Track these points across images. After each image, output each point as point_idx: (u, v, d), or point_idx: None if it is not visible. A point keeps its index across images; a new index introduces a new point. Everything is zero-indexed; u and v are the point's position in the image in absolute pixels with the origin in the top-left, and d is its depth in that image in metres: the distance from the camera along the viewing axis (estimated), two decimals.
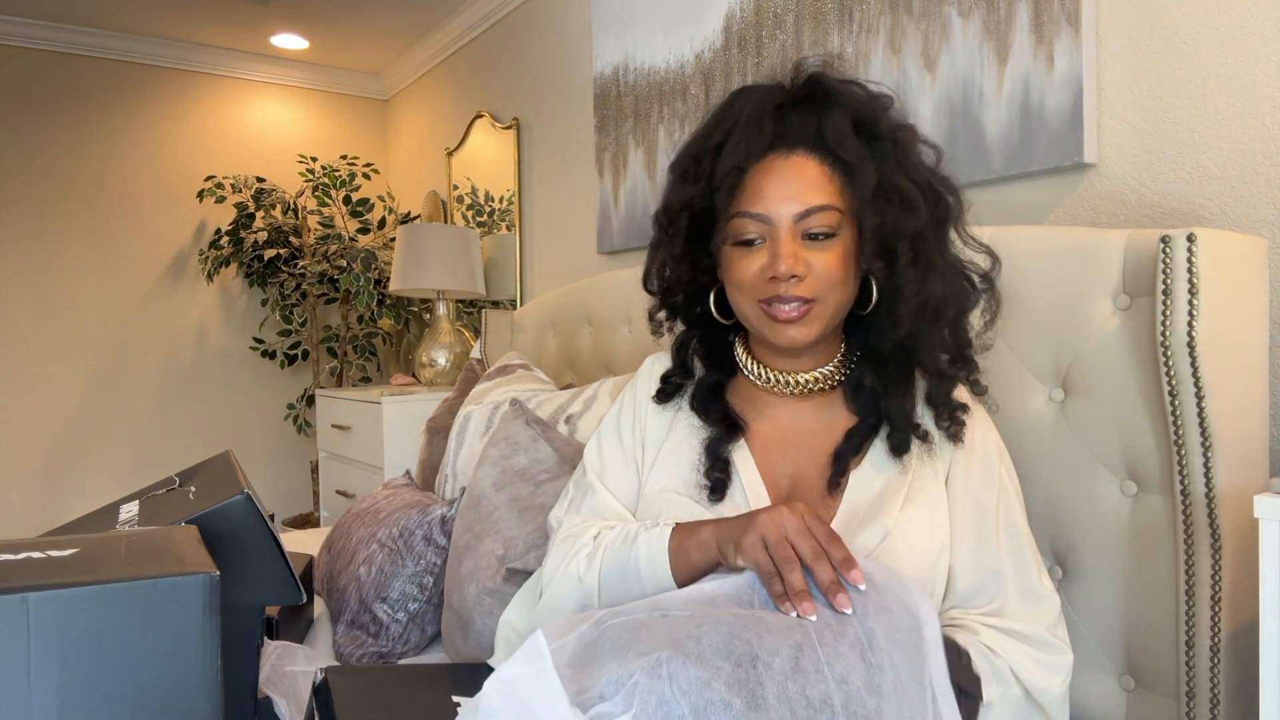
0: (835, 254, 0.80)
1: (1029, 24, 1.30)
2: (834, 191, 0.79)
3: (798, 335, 0.81)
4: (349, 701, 0.82)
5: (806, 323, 0.81)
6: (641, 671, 0.60)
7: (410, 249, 2.72)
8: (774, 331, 0.82)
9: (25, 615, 0.58)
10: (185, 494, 0.96)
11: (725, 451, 0.88)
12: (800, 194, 0.79)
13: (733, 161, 0.80)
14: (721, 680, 0.59)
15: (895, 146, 0.81)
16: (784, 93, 0.84)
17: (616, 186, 2.29)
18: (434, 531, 1.36)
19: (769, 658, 0.61)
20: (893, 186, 0.79)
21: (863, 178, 0.78)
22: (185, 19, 3.23)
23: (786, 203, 0.79)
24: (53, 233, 3.30)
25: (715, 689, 0.58)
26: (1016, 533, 0.85)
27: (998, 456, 0.88)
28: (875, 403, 0.85)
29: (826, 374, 0.87)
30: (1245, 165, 1.10)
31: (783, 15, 1.74)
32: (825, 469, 0.85)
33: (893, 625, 0.66)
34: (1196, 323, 0.90)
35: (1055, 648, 0.82)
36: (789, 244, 0.79)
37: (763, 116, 0.81)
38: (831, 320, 0.83)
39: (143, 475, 3.41)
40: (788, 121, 0.81)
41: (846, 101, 0.81)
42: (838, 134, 0.79)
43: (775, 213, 0.79)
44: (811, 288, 0.79)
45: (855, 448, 0.85)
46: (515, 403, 1.46)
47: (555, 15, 2.65)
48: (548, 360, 2.17)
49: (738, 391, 0.92)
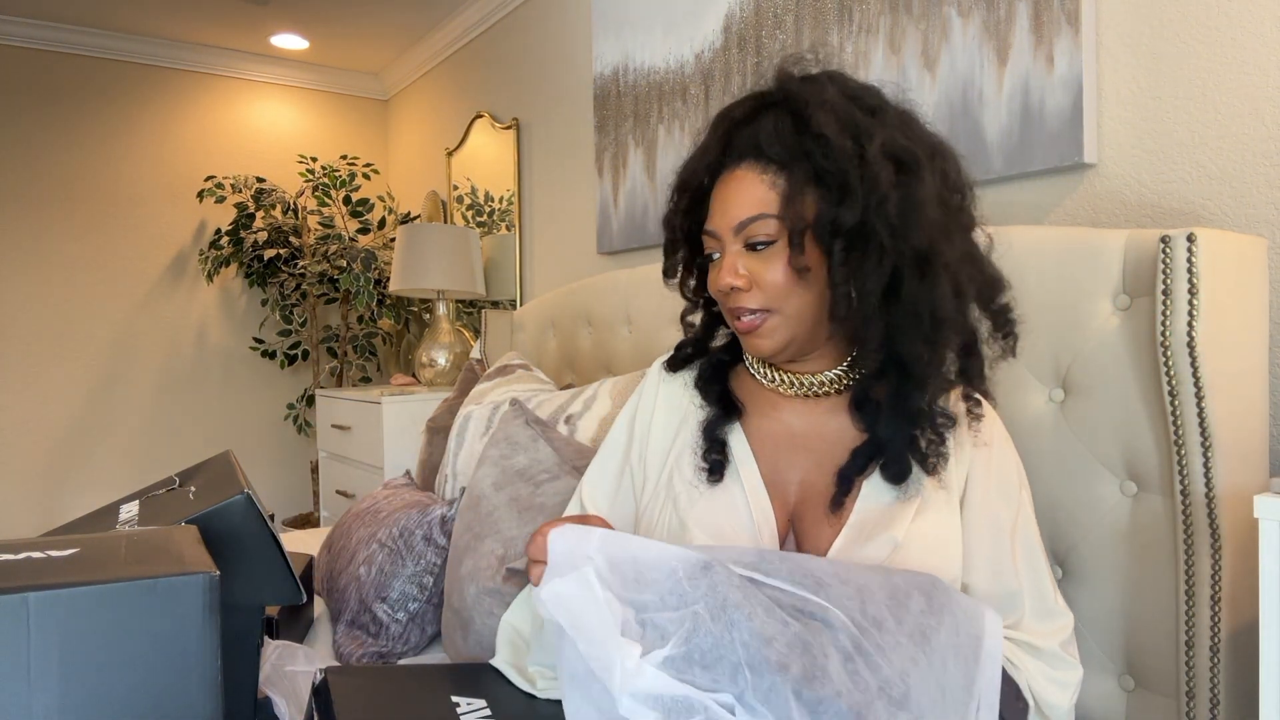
0: (779, 262, 0.79)
1: (1029, 24, 1.30)
2: (774, 199, 0.78)
3: (760, 345, 0.82)
4: (349, 701, 0.82)
5: (765, 333, 0.81)
6: (704, 604, 0.58)
7: (410, 249, 2.72)
8: (744, 342, 0.84)
9: (25, 615, 0.58)
10: (185, 494, 0.96)
11: (722, 433, 0.88)
12: (738, 207, 0.80)
13: (682, 180, 0.86)
14: (784, 640, 0.58)
15: (850, 136, 0.76)
16: (754, 100, 0.83)
17: (616, 187, 2.29)
18: (434, 531, 1.36)
19: (834, 632, 0.61)
20: (833, 178, 0.75)
21: (795, 174, 0.77)
22: (185, 19, 3.23)
23: (727, 216, 0.81)
24: (53, 233, 3.30)
25: (775, 648, 0.57)
26: (1033, 551, 0.85)
27: (1016, 474, 0.87)
28: (875, 423, 0.82)
29: (834, 378, 0.86)
30: (1245, 165, 1.10)
31: (782, 15, 1.74)
32: (830, 473, 0.84)
33: (955, 628, 0.67)
34: (1196, 323, 0.90)
35: (1067, 664, 0.82)
36: (730, 257, 0.81)
37: (718, 133, 0.84)
38: (797, 328, 0.81)
39: (143, 475, 3.42)
40: (739, 134, 0.82)
41: (795, 99, 0.79)
42: (770, 136, 0.79)
43: (719, 227, 0.82)
44: (759, 298, 0.80)
45: (859, 467, 0.83)
46: (515, 403, 1.46)
47: (555, 15, 2.65)
48: (548, 360, 2.17)
49: (746, 391, 0.92)
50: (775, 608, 0.61)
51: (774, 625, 0.59)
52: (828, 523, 0.82)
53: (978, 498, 0.84)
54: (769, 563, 0.67)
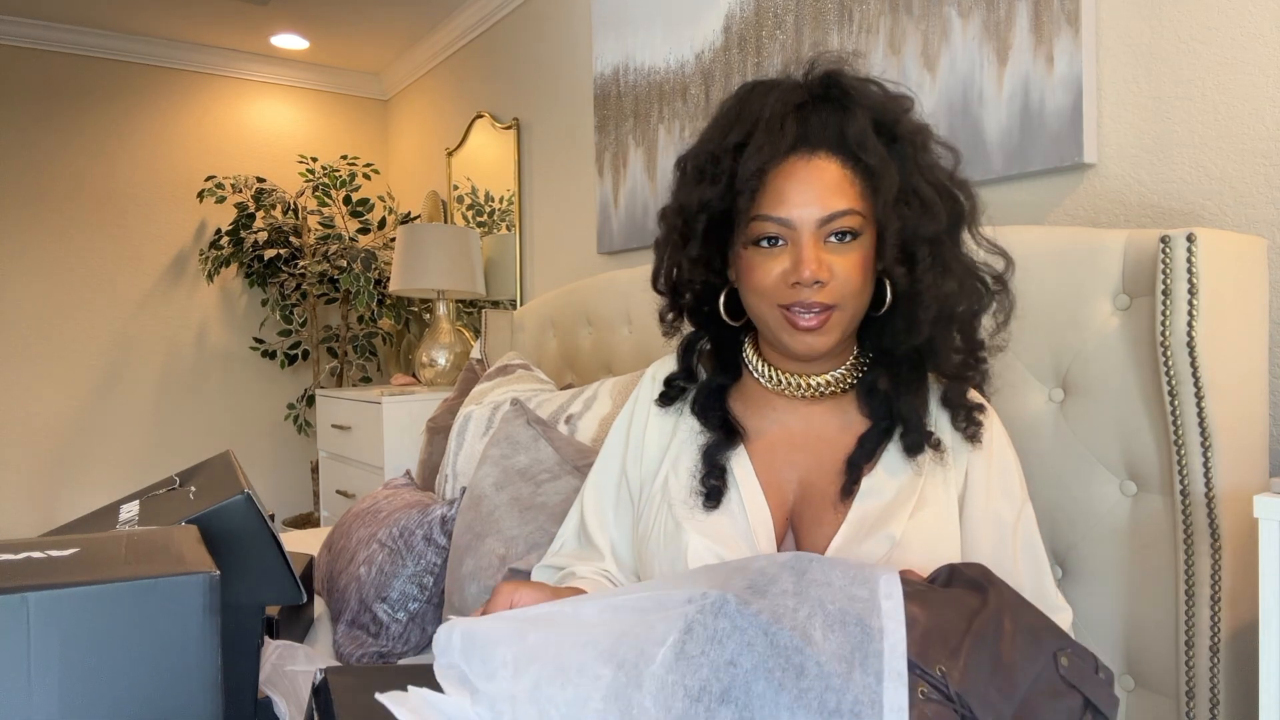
0: (856, 258, 0.78)
1: (1029, 24, 1.30)
2: (855, 195, 0.78)
3: (816, 343, 0.80)
4: (349, 702, 0.82)
5: (826, 331, 0.79)
6: (523, 692, 0.60)
7: (410, 249, 2.72)
8: (793, 338, 0.80)
9: (25, 615, 0.58)
10: (185, 494, 0.96)
11: (723, 459, 0.86)
12: (823, 198, 0.77)
13: (756, 164, 0.78)
14: (599, 694, 0.58)
15: (914, 149, 0.80)
16: (802, 91, 0.81)
17: (616, 187, 2.29)
18: (434, 531, 1.36)
19: (654, 649, 0.59)
20: (912, 189, 0.78)
21: (886, 181, 0.77)
22: (185, 19, 3.23)
23: (809, 206, 0.77)
24: (53, 233, 3.30)
25: (591, 707, 0.58)
26: (1034, 549, 0.85)
27: (1016, 471, 0.87)
28: (888, 406, 0.84)
29: (839, 377, 0.86)
30: (1245, 165, 1.10)
31: (783, 15, 1.74)
32: (837, 476, 0.84)
33: (821, 599, 0.61)
34: (1196, 323, 0.90)
35: None
36: (812, 249, 0.77)
37: (784, 117, 0.79)
38: (849, 326, 0.81)
39: (143, 475, 3.42)
40: (809, 122, 0.79)
41: (866, 102, 0.80)
42: (860, 136, 0.78)
43: (798, 216, 0.77)
44: (833, 293, 0.78)
45: (869, 453, 0.83)
46: (516, 402, 1.46)
47: (555, 15, 2.65)
48: (548, 360, 2.17)
49: (743, 395, 0.91)
50: (588, 662, 0.61)
51: (587, 682, 0.59)
52: (827, 521, 0.82)
53: (978, 495, 0.84)
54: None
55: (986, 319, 0.86)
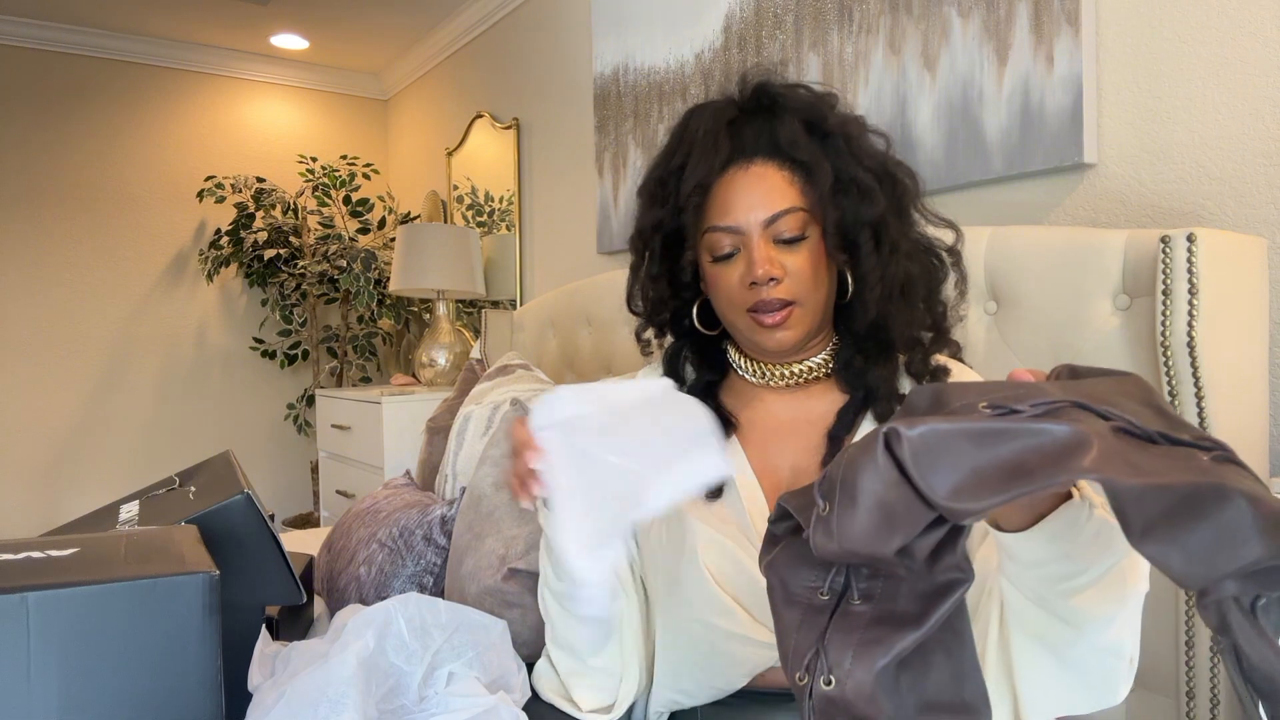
0: (806, 254, 0.83)
1: (1029, 24, 1.30)
2: (797, 194, 0.83)
3: (785, 338, 0.84)
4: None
5: (790, 325, 0.84)
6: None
7: (410, 249, 2.72)
8: (763, 337, 0.85)
9: (25, 615, 0.58)
10: (185, 494, 0.96)
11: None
12: (765, 200, 0.82)
13: (695, 180, 0.84)
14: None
15: (846, 140, 0.84)
16: (735, 106, 0.88)
17: (616, 186, 2.29)
18: (434, 531, 1.36)
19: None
20: (850, 178, 0.82)
21: (819, 175, 0.82)
22: (185, 19, 3.23)
23: (754, 210, 0.82)
24: (53, 233, 3.30)
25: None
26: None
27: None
28: (862, 379, 0.88)
29: (820, 362, 0.89)
30: (1245, 165, 1.10)
31: (783, 15, 1.74)
32: (821, 453, 0.87)
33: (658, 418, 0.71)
34: (1196, 323, 0.90)
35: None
36: (763, 249, 0.82)
37: (718, 132, 0.85)
38: (814, 318, 0.85)
39: (143, 475, 3.41)
40: (742, 134, 0.85)
41: (795, 105, 0.85)
42: (791, 137, 0.83)
43: (744, 221, 0.82)
44: (789, 290, 0.82)
45: (848, 425, 0.87)
46: (516, 403, 1.46)
47: (555, 15, 2.65)
48: (548, 360, 2.17)
49: (731, 390, 0.94)
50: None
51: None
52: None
53: None
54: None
55: (948, 289, 0.89)
